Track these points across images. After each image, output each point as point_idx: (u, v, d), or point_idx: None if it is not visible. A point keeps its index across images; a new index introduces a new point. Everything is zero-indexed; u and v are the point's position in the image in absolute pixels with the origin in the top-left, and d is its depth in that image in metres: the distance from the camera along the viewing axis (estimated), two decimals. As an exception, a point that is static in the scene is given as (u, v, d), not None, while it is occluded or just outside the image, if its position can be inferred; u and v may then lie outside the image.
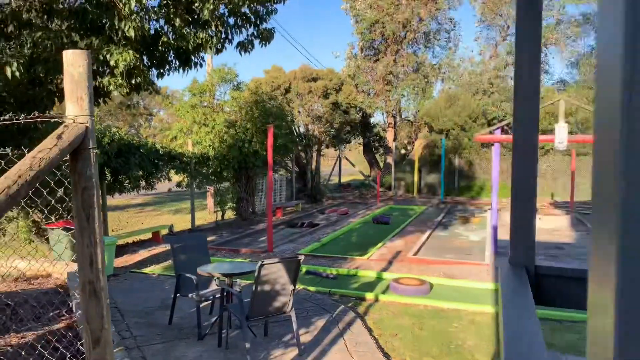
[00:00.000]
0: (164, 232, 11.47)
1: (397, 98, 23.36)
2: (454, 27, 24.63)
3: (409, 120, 26.73)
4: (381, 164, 27.33)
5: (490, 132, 9.38)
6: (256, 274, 4.30)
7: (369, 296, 6.69)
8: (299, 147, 18.62)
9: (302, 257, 4.58)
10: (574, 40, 22.29)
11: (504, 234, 10.73)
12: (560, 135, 8.70)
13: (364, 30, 22.51)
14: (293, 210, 16.66)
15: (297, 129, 17.92)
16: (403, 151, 27.83)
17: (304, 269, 8.25)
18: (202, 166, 12.72)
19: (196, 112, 13.20)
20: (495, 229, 9.50)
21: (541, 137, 10.13)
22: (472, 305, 6.30)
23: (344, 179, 28.93)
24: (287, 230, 12.74)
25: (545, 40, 21.45)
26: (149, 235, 11.01)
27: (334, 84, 17.74)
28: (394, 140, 25.13)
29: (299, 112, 18.42)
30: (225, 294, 4.87)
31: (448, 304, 6.36)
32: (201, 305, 5.20)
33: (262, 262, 4.30)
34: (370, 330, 5.36)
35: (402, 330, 5.43)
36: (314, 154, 19.31)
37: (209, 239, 11.19)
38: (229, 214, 14.35)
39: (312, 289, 7.00)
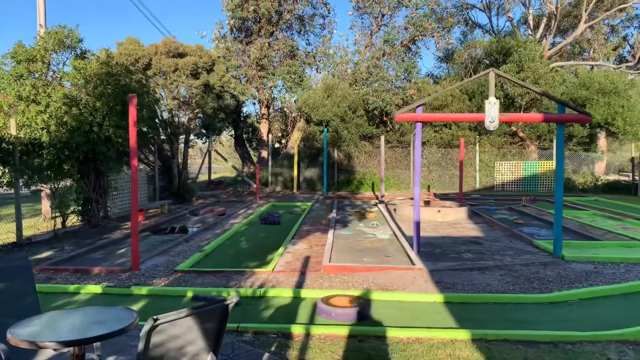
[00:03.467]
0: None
1: (273, 85, 21.41)
2: (329, 12, 23.51)
3: (283, 112, 24.99)
4: (254, 159, 25.21)
5: (411, 111, 7.90)
6: (142, 345, 2.00)
7: (296, 330, 4.64)
8: (163, 137, 15.67)
9: (233, 300, 2.38)
10: (448, 31, 22.62)
11: (410, 231, 9.39)
12: (491, 113, 7.53)
13: (234, 6, 20.11)
14: (157, 213, 13.76)
15: (160, 113, 14.96)
16: (277, 145, 26.02)
17: (189, 293, 5.89)
18: (33, 157, 9.40)
19: (22, 84, 9.78)
20: (417, 224, 8.07)
21: (470, 116, 8.99)
22: (437, 332, 4.60)
23: (212, 176, 26.16)
24: (154, 238, 10.02)
25: (423, 29, 21.31)
26: (-56, 256, 7.57)
27: (205, 62, 15.13)
28: (269, 132, 23.17)
29: (161, 94, 15.43)
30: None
31: (407, 332, 4.59)
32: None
33: (155, 320, 2.01)
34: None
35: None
36: (181, 146, 16.48)
37: (44, 255, 8.11)
38: (73, 220, 11.09)
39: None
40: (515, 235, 9.78)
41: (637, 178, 19.11)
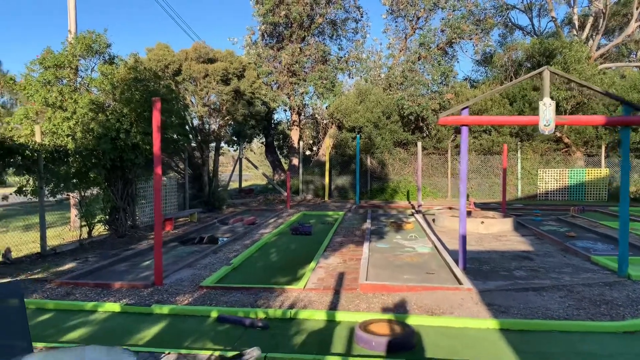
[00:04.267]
0: (-8, 261, 7.80)
1: (304, 91, 20.95)
2: (362, 16, 22.93)
3: (314, 118, 24.51)
4: (285, 167, 24.79)
5: (456, 113, 7.23)
6: None
7: (333, 362, 4.04)
8: (193, 144, 15.39)
9: (253, 354, 1.81)
10: (487, 33, 21.66)
11: (455, 245, 8.68)
12: (546, 115, 6.77)
13: (266, 12, 19.80)
14: (187, 221, 13.43)
15: (190, 120, 14.66)
16: (308, 152, 25.55)
17: (214, 313, 5.37)
18: (58, 164, 9.13)
19: (49, 91, 9.56)
20: (464, 238, 7.36)
21: (522, 119, 8.24)
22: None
23: (244, 184, 25.89)
24: (181, 249, 9.61)
25: (461, 32, 20.46)
26: (-36, 268, 7.30)
27: (235, 68, 14.77)
28: (300, 140, 22.70)
29: (191, 101, 15.15)
30: None
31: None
32: None
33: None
34: None
35: None
36: (212, 153, 16.15)
37: (67, 266, 7.77)
38: (100, 229, 10.82)
39: (231, 354, 4.13)
40: (569, 249, 8.91)
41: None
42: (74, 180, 9.57)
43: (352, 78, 23.05)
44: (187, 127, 13.25)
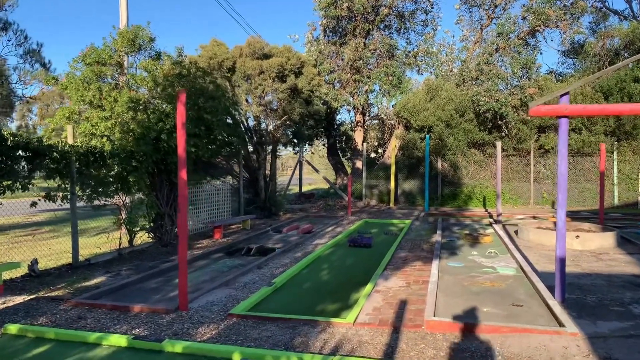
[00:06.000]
0: (15, 273, 7.17)
1: (368, 89, 19.55)
2: (432, 7, 21.17)
3: (379, 118, 23.05)
4: (348, 170, 23.54)
5: (552, 101, 5.62)
6: None
7: None
8: (249, 148, 14.53)
9: None
10: (577, 18, 19.18)
11: (546, 264, 6.96)
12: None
13: (327, 5, 18.66)
14: (239, 229, 12.52)
15: (244, 120, 13.79)
16: (373, 155, 24.14)
17: (236, 355, 4.23)
18: (97, 168, 8.45)
19: (86, 89, 8.93)
20: (562, 262, 5.75)
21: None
22: None
23: (307, 188, 24.94)
24: (224, 261, 8.62)
25: (546, 18, 18.18)
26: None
27: (293, 65, 13.75)
28: (364, 141, 21.33)
29: (247, 100, 14.28)
30: None
31: None
32: None
33: None
34: None
35: None
36: (269, 156, 15.22)
37: (94, 281, 7.00)
38: (144, 237, 10.11)
39: None
40: (701, 276, 6.95)
41: None
42: (116, 185, 8.88)
43: (422, 74, 21.39)
44: (240, 127, 12.35)
